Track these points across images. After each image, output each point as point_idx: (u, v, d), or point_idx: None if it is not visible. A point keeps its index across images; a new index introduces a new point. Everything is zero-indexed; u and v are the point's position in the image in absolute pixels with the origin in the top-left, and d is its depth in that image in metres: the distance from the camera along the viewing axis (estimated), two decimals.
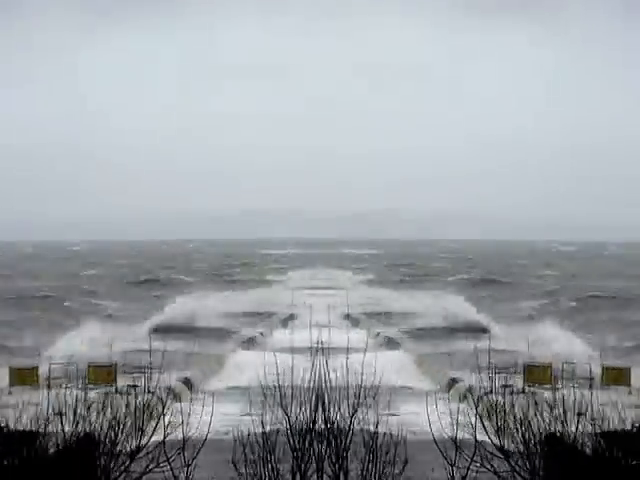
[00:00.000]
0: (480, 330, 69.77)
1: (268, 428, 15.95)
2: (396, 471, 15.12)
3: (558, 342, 60.12)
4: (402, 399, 40.24)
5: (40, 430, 18.60)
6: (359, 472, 15.27)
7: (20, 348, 61.94)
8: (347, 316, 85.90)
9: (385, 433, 15.55)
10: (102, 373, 43.64)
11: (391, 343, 67.57)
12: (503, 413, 15.84)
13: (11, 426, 19.11)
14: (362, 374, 17.88)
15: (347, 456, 15.20)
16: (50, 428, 18.73)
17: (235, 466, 15.76)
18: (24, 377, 43.38)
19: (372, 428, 15.73)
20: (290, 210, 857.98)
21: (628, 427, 16.33)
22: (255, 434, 15.96)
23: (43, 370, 45.35)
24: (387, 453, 15.11)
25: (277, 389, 16.42)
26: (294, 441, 15.19)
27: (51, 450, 18.13)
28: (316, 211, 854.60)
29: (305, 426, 15.41)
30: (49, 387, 41.44)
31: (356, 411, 15.58)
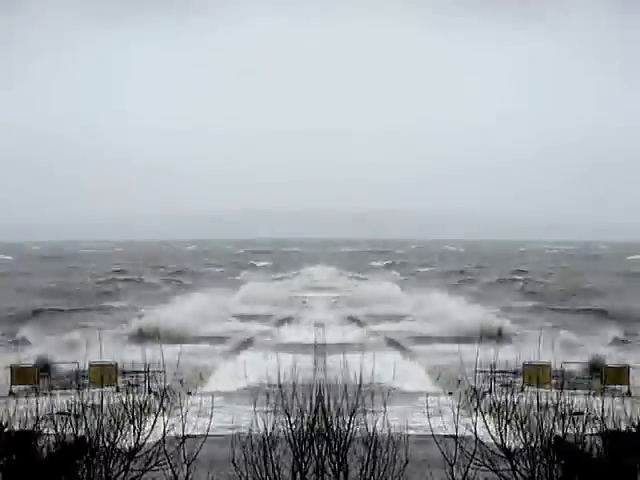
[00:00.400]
0: (476, 329, 69.56)
1: (269, 427, 15.92)
2: (396, 470, 15.11)
3: (555, 341, 60.12)
4: (400, 398, 40.27)
5: (40, 429, 18.60)
6: (359, 471, 15.26)
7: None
8: (349, 317, 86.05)
9: (384, 432, 15.52)
10: (103, 372, 43.60)
11: (391, 343, 67.62)
12: (504, 412, 15.82)
13: (12, 425, 19.10)
14: (361, 374, 17.89)
15: (346, 455, 15.19)
16: (50, 427, 18.73)
17: (235, 465, 15.74)
18: (25, 376, 43.36)
19: (371, 427, 15.68)
20: (291, 210, 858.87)
21: (627, 426, 16.30)
22: (256, 433, 15.93)
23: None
24: (387, 452, 15.10)
25: (279, 388, 16.37)
26: (294, 440, 15.18)
27: (51, 449, 18.12)
28: (316, 210, 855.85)
29: (305, 426, 15.39)
30: (50, 386, 41.49)
31: (355, 410, 15.55)
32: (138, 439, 18.18)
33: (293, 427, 15.56)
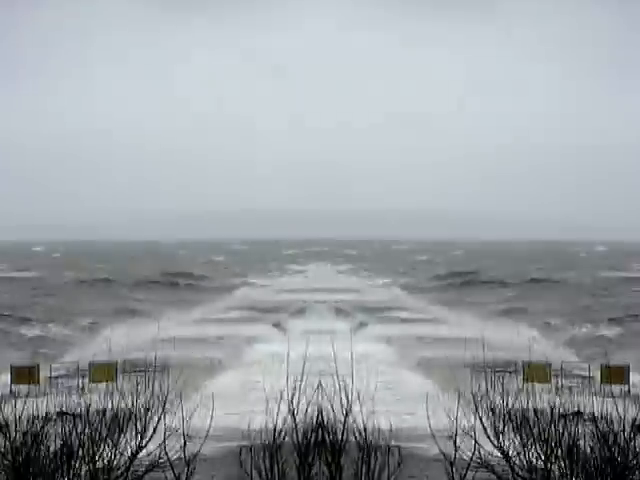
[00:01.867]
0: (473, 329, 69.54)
1: (274, 427, 16.00)
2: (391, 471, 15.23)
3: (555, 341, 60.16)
4: (398, 400, 40.35)
5: (41, 430, 18.67)
6: (353, 472, 15.36)
7: None
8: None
9: (379, 433, 15.62)
10: (104, 372, 43.63)
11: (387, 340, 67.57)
12: (502, 413, 15.94)
13: (12, 426, 19.17)
14: (352, 375, 18.01)
15: (341, 456, 15.30)
16: (51, 428, 18.81)
17: (241, 465, 15.87)
18: (25, 376, 43.41)
19: (366, 427, 15.77)
20: (289, 210, 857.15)
21: (626, 426, 16.42)
22: (261, 434, 16.04)
23: (45, 369, 45.46)
24: (382, 454, 15.22)
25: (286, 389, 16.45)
26: (299, 442, 15.27)
27: (52, 450, 18.20)
28: (315, 210, 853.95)
29: (309, 427, 15.49)
30: (50, 386, 41.60)
31: (348, 412, 15.63)
32: (141, 440, 18.32)
33: (298, 429, 15.63)
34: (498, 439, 15.62)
